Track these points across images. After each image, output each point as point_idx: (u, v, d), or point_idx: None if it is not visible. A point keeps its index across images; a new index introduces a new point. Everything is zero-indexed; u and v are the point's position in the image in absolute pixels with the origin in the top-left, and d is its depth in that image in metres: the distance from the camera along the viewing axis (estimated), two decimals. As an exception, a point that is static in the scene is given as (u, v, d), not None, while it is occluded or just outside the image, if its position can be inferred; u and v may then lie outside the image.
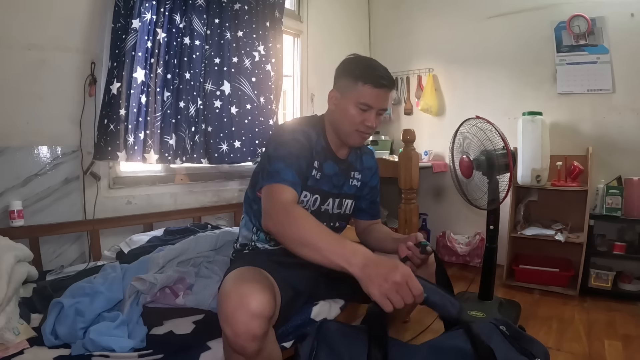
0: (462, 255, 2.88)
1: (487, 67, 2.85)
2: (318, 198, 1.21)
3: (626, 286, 2.24)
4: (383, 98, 1.17)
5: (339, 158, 1.26)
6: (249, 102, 2.21)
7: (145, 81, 1.84)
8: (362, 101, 1.14)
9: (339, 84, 1.20)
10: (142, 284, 1.21)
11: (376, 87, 1.14)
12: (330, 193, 1.24)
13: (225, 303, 0.89)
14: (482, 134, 1.89)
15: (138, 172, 2.03)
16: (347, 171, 1.29)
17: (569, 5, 2.49)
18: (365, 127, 1.17)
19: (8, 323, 1.03)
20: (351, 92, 1.15)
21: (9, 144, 1.60)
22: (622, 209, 2.22)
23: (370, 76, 1.14)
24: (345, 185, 1.29)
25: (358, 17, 3.35)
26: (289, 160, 1.07)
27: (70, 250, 1.77)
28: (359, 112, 1.16)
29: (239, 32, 2.16)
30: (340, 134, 1.22)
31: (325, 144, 1.23)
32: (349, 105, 1.16)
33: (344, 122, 1.18)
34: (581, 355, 1.65)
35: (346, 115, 1.17)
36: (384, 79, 1.15)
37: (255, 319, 0.86)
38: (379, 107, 1.17)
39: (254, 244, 1.25)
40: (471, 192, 2.01)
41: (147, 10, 1.78)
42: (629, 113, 2.40)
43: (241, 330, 0.85)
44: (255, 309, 0.86)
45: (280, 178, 1.03)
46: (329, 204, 1.24)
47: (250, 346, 0.87)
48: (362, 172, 1.35)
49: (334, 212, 1.28)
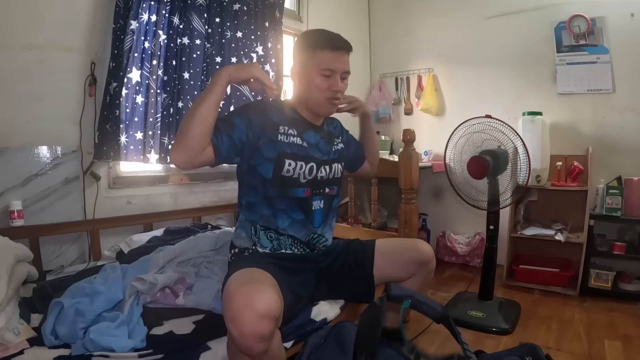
0: (462, 255, 2.88)
1: (487, 67, 2.85)
2: (314, 166, 1.23)
3: (626, 286, 2.24)
4: (343, 60, 1.21)
5: (316, 126, 1.30)
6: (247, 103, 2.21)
7: (145, 82, 1.84)
8: (324, 67, 1.18)
9: (299, 58, 1.24)
10: (142, 284, 1.21)
11: (334, 49, 1.18)
12: (322, 160, 1.27)
13: (232, 303, 0.88)
14: (500, 134, 1.90)
15: (138, 172, 2.03)
16: (330, 137, 1.33)
17: (569, 5, 2.49)
18: (333, 92, 1.20)
19: (8, 323, 1.03)
20: (312, 61, 1.19)
21: (9, 144, 1.60)
22: (622, 209, 2.22)
23: (326, 41, 1.18)
24: (332, 152, 1.32)
25: (358, 17, 3.35)
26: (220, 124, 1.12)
27: (70, 250, 1.77)
28: (324, 79, 1.19)
29: (239, 32, 2.17)
30: (310, 105, 1.25)
31: (299, 117, 1.26)
32: (313, 74, 1.19)
33: (312, 93, 1.21)
34: (581, 355, 1.65)
35: (312, 85, 1.20)
36: (339, 41, 1.20)
37: (262, 319, 0.85)
38: (342, 70, 1.20)
39: (255, 247, 1.23)
40: (478, 192, 2.01)
41: (144, 10, 1.79)
42: (629, 113, 2.40)
43: (248, 331, 0.85)
44: (262, 309, 0.86)
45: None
46: (322, 171, 1.26)
47: (257, 347, 0.86)
48: (341, 135, 1.41)
49: (328, 177, 1.29)
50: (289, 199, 1.20)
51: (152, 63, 1.85)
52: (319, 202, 1.27)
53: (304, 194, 1.23)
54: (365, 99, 3.40)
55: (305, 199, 1.23)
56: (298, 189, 1.21)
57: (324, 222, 1.29)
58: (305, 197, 1.23)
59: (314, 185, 1.25)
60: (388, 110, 3.26)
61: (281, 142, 1.19)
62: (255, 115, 1.18)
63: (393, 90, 3.30)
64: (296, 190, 1.21)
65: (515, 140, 1.92)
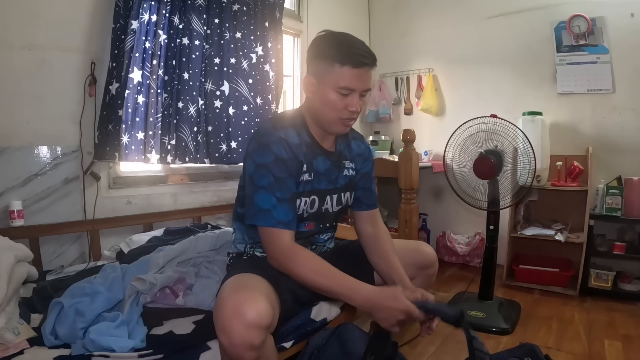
0: (462, 255, 2.88)
1: (487, 67, 2.85)
2: (316, 199, 1.14)
3: (626, 286, 2.24)
4: (365, 77, 1.05)
5: (328, 151, 1.16)
6: (246, 104, 2.21)
7: (146, 82, 1.84)
8: (343, 85, 1.02)
9: (314, 68, 1.07)
10: (142, 284, 1.21)
11: (356, 66, 1.01)
12: (327, 190, 1.17)
13: (221, 312, 0.87)
14: (506, 134, 1.91)
15: (138, 172, 2.03)
16: (339, 161, 1.20)
17: (569, 5, 2.49)
18: (349, 112, 1.06)
19: (8, 323, 1.02)
20: (329, 76, 1.02)
21: (9, 144, 1.60)
22: (622, 209, 2.22)
23: (348, 55, 1.01)
24: (340, 178, 1.20)
25: (358, 17, 3.35)
26: (277, 191, 1.00)
27: (70, 250, 1.77)
28: (340, 98, 1.04)
29: (238, 33, 2.16)
30: (322, 123, 1.11)
31: (311, 139, 1.13)
32: (328, 91, 1.04)
33: (325, 111, 1.07)
34: (581, 355, 1.65)
35: (326, 103, 1.05)
36: (364, 56, 1.02)
37: (251, 329, 0.84)
38: (362, 89, 1.06)
39: (252, 251, 1.21)
40: (476, 192, 2.01)
41: (145, 10, 1.78)
42: (629, 113, 2.40)
43: (237, 341, 0.84)
44: (252, 318, 0.84)
45: (274, 220, 0.99)
46: (327, 203, 1.17)
47: (247, 355, 0.85)
48: (354, 160, 1.25)
49: (334, 210, 1.21)
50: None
51: (153, 63, 1.85)
52: (329, 234, 1.24)
53: (305, 227, 1.15)
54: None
55: (307, 232, 1.16)
56: (300, 224, 1.13)
57: (326, 245, 1.26)
58: (307, 231, 1.16)
59: (316, 219, 1.17)
60: (388, 110, 3.26)
61: (301, 182, 1.10)
62: (292, 165, 1.05)
63: (393, 90, 3.30)
64: (299, 225, 1.12)
65: (520, 140, 1.91)
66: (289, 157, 1.05)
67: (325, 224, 1.21)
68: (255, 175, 1.03)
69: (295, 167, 1.06)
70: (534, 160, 1.91)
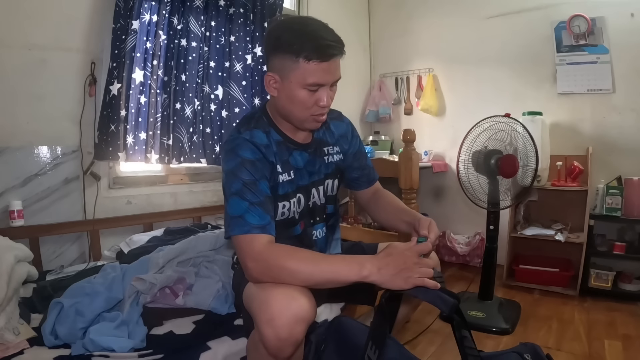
0: (462, 255, 2.87)
1: (487, 67, 2.84)
2: (301, 197, 1.09)
3: (626, 286, 2.24)
4: (334, 69, 0.95)
5: (303, 144, 1.08)
6: (238, 106, 2.19)
7: (147, 82, 1.84)
8: (311, 82, 0.92)
9: (275, 64, 0.95)
10: (142, 284, 1.21)
11: (324, 60, 0.90)
12: (311, 184, 1.11)
13: (268, 305, 0.83)
14: (516, 134, 1.91)
15: (138, 172, 2.03)
16: (319, 150, 1.12)
17: (569, 5, 2.49)
18: (320, 108, 0.97)
19: (8, 323, 1.03)
20: (293, 73, 0.92)
21: (9, 144, 1.60)
22: (622, 209, 2.22)
23: (313, 48, 0.89)
24: (322, 167, 1.13)
25: (358, 17, 3.35)
26: (248, 194, 0.92)
27: (70, 250, 1.77)
28: (309, 94, 0.94)
29: (236, 33, 2.16)
30: (292, 122, 1.02)
31: (282, 136, 1.05)
32: (294, 88, 0.93)
33: (294, 110, 0.97)
34: (581, 355, 1.65)
35: (294, 102, 0.95)
36: (331, 47, 0.91)
37: (299, 323, 0.82)
38: (332, 81, 0.96)
39: None
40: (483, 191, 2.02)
41: (145, 10, 1.79)
42: (629, 113, 2.40)
43: (284, 334, 0.81)
44: (301, 311, 0.82)
45: (247, 225, 0.89)
46: (314, 196, 1.12)
47: (288, 350, 0.83)
48: (338, 143, 1.17)
49: (322, 202, 1.15)
50: (286, 239, 1.05)
51: (153, 63, 1.86)
52: (321, 230, 1.17)
53: (300, 228, 1.12)
54: (365, 99, 3.40)
55: (302, 233, 1.12)
56: (295, 227, 1.10)
57: (327, 246, 1.22)
58: (303, 231, 1.12)
59: (306, 216, 1.12)
60: (388, 110, 3.26)
61: (279, 185, 1.04)
62: (263, 165, 0.98)
63: (393, 90, 3.30)
64: (294, 229, 1.10)
65: (521, 140, 1.91)
66: (257, 157, 0.97)
67: (315, 217, 1.15)
68: (226, 183, 0.96)
69: (266, 167, 0.99)
70: (536, 161, 1.91)
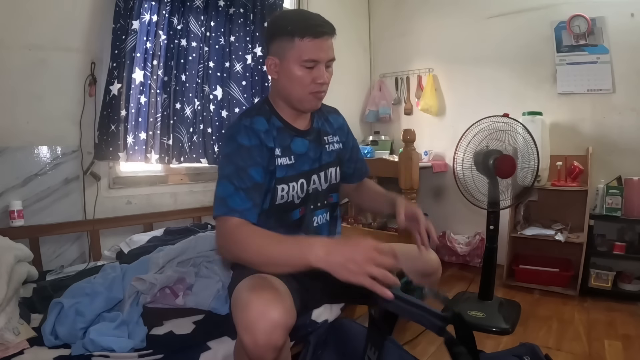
0: (462, 255, 2.87)
1: (487, 67, 2.84)
2: (304, 182, 1.13)
3: (626, 286, 2.24)
4: (327, 47, 1.05)
5: (304, 131, 1.16)
6: (238, 106, 2.18)
7: (147, 82, 1.84)
8: (306, 58, 1.02)
9: (274, 47, 1.06)
10: (142, 284, 1.21)
11: (317, 37, 1.02)
12: (312, 170, 1.15)
13: (246, 311, 0.85)
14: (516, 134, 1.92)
15: (138, 172, 2.03)
16: (319, 138, 1.19)
17: (569, 5, 2.49)
18: (318, 85, 1.06)
19: (8, 323, 1.03)
20: (290, 52, 1.02)
21: (9, 144, 1.60)
22: (622, 209, 2.22)
23: (306, 27, 1.01)
24: (324, 154, 1.19)
25: (358, 17, 3.35)
26: (236, 179, 0.98)
27: (70, 250, 1.77)
28: (307, 72, 1.04)
29: (232, 36, 2.15)
30: (292, 102, 1.10)
31: (282, 123, 1.12)
32: (293, 67, 1.03)
33: (293, 88, 1.06)
34: (581, 355, 1.65)
35: (293, 80, 1.05)
36: (322, 26, 1.03)
37: (277, 329, 0.83)
38: (326, 59, 1.05)
39: None
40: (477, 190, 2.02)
41: (145, 10, 1.79)
42: (629, 113, 2.40)
43: (262, 341, 0.82)
44: (278, 318, 0.83)
45: (227, 207, 0.95)
46: (315, 182, 1.16)
47: (269, 356, 0.84)
48: (337, 134, 1.25)
49: (324, 187, 1.19)
50: (286, 225, 1.12)
51: (153, 63, 1.86)
52: (324, 216, 1.20)
53: (300, 214, 1.15)
54: (365, 99, 3.40)
55: (301, 218, 1.15)
56: (294, 212, 1.14)
57: (329, 234, 1.23)
58: (301, 217, 1.15)
59: (307, 201, 1.15)
60: (388, 110, 3.26)
61: (277, 167, 1.09)
62: (258, 152, 1.04)
63: (393, 90, 3.30)
64: (293, 213, 1.13)
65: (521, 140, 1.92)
66: (254, 144, 1.04)
67: (316, 203, 1.18)
68: (220, 166, 1.04)
69: (262, 154, 1.05)
70: (538, 160, 1.91)
